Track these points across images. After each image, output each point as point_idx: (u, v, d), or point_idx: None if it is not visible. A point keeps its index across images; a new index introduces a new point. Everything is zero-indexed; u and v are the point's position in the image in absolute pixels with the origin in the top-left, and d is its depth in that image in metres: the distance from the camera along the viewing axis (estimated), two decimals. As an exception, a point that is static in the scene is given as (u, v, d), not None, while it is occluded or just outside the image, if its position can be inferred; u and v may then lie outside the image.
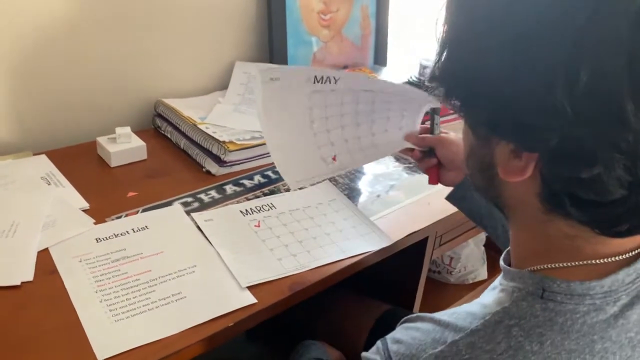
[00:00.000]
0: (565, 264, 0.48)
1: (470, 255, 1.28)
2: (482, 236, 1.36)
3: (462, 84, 0.46)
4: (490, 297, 0.51)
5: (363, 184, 1.04)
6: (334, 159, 0.87)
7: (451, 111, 0.65)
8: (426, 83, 0.51)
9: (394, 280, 1.07)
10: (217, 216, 0.89)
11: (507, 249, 0.56)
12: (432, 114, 0.85)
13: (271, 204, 0.94)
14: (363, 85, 0.86)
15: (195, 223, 0.87)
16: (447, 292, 1.29)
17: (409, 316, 0.55)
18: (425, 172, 0.88)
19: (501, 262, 0.55)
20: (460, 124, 0.54)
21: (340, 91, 0.84)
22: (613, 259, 0.47)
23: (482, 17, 0.43)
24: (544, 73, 0.39)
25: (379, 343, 0.53)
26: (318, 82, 0.83)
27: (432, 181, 0.86)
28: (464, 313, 0.50)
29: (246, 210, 0.91)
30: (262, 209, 0.92)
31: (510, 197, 0.50)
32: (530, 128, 0.41)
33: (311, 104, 0.85)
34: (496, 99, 0.43)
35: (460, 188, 0.83)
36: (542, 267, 0.49)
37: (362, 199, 0.99)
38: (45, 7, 1.00)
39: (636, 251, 0.48)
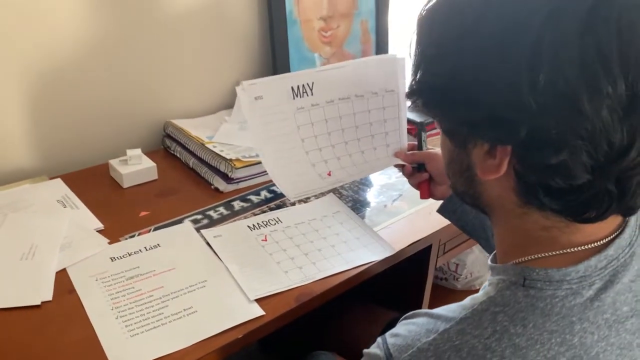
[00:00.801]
0: (543, 254, 0.52)
1: (476, 261, 1.30)
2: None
3: (439, 93, 0.51)
4: (479, 292, 0.55)
5: (367, 195, 1.07)
6: (329, 174, 0.90)
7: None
8: (406, 97, 0.57)
9: (401, 288, 1.10)
10: (226, 232, 0.93)
11: (494, 251, 0.60)
12: (419, 131, 0.89)
13: (277, 218, 0.97)
14: (338, 91, 0.88)
15: (205, 239, 0.91)
16: (454, 298, 1.30)
17: (407, 314, 0.59)
18: (417, 187, 0.91)
19: (488, 262, 0.59)
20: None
21: (322, 106, 0.88)
22: (586, 247, 0.51)
23: (453, 29, 0.49)
24: (510, 74, 0.44)
25: (379, 339, 0.56)
26: (297, 95, 0.86)
27: (424, 196, 0.89)
28: (455, 306, 0.54)
29: (253, 225, 0.95)
30: (268, 223, 0.96)
31: (489, 196, 0.55)
32: (503, 123, 0.46)
33: (298, 124, 0.88)
34: (471, 102, 0.48)
35: (450, 201, 0.87)
36: (523, 259, 0.53)
37: (366, 210, 1.02)
38: (57, 38, 1.05)
39: (606, 239, 0.52)
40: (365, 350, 0.57)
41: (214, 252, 0.88)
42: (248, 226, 0.94)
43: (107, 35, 1.11)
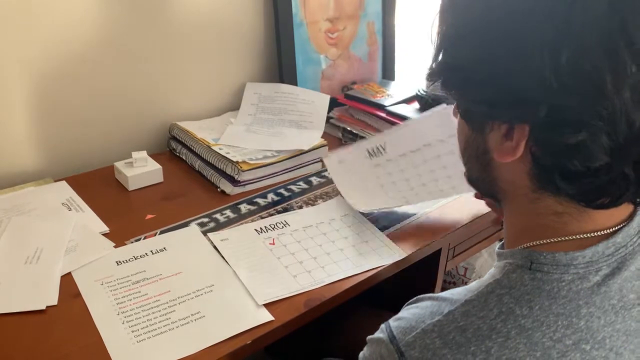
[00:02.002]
0: (552, 240, 0.52)
1: (485, 265, 1.28)
2: (495, 246, 1.37)
3: (460, 73, 0.51)
4: (485, 276, 0.55)
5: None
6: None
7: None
8: (426, 79, 0.56)
9: (409, 293, 1.08)
10: (233, 235, 0.91)
11: (502, 240, 0.60)
12: None
13: (285, 221, 0.96)
14: (408, 144, 0.99)
15: (212, 243, 0.89)
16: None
17: (411, 300, 0.59)
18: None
19: (496, 249, 0.59)
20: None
21: (395, 160, 0.99)
22: (595, 234, 0.51)
23: (477, 9, 0.49)
24: (533, 53, 0.44)
25: (382, 325, 0.55)
26: (373, 155, 1.01)
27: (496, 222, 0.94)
28: (460, 289, 0.54)
29: (261, 229, 0.93)
30: (276, 226, 0.94)
31: (504, 180, 0.55)
32: (523, 101, 0.46)
33: (377, 174, 1.00)
34: (491, 81, 0.48)
35: None
36: (531, 244, 0.53)
37: (374, 213, 1.01)
38: (63, 38, 1.04)
39: (615, 228, 0.52)
40: (368, 337, 0.57)
41: (221, 255, 0.86)
42: (255, 229, 0.93)
43: (113, 37, 1.10)
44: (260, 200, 1.04)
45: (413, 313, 0.53)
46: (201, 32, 1.22)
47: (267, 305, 0.77)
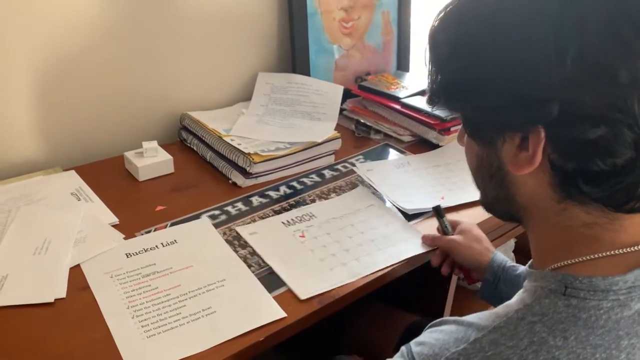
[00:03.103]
0: (585, 258, 0.49)
1: (500, 262, 1.25)
2: (512, 242, 1.34)
3: (460, 87, 0.50)
4: (514, 299, 0.51)
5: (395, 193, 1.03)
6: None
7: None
8: (427, 104, 0.55)
9: (423, 290, 1.06)
10: (261, 228, 0.90)
11: (531, 259, 0.57)
12: (437, 217, 0.89)
13: (311, 213, 0.94)
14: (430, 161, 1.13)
15: (224, 236, 0.87)
16: (476, 300, 1.26)
17: (434, 321, 0.55)
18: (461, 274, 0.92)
19: (526, 268, 0.55)
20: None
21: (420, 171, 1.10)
22: (632, 248, 0.48)
23: (470, 21, 0.48)
24: (536, 53, 0.43)
25: (403, 348, 0.53)
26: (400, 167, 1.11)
27: (470, 281, 0.92)
28: (487, 313, 0.50)
29: (287, 222, 0.92)
30: (302, 218, 0.93)
31: (523, 195, 0.51)
32: (533, 102, 0.44)
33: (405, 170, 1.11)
34: (495, 87, 0.46)
35: (485, 287, 0.85)
36: (562, 263, 0.50)
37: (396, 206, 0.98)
38: (70, 26, 1.02)
39: None
40: None
41: (233, 249, 0.85)
42: (282, 222, 0.92)
43: (124, 24, 1.08)
44: (273, 193, 1.01)
45: (436, 338, 0.50)
46: (212, 20, 1.20)
47: (279, 301, 0.75)
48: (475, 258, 0.85)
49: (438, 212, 0.89)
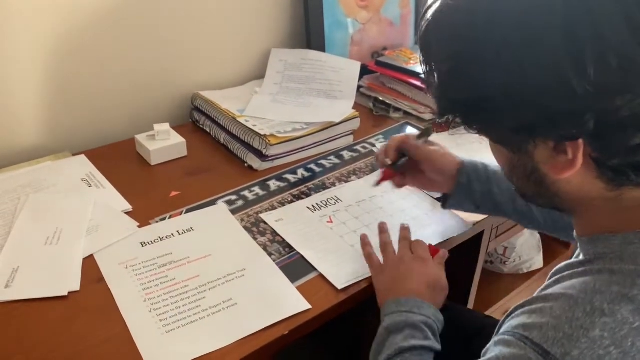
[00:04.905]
0: None
1: (525, 244, 1.22)
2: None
3: (475, 107, 0.46)
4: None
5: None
6: None
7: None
8: (438, 120, 0.50)
9: (449, 274, 1.02)
10: (286, 215, 0.86)
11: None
12: (425, 135, 0.81)
13: (336, 197, 0.91)
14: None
15: (242, 222, 0.84)
16: (500, 283, 1.23)
17: (512, 311, 0.50)
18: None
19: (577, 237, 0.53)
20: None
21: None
22: None
23: (466, 36, 0.44)
24: (550, 65, 0.40)
25: (510, 338, 0.46)
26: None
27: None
28: (575, 283, 0.46)
29: (313, 207, 0.88)
30: (328, 203, 0.89)
31: (568, 192, 0.49)
32: (563, 118, 0.41)
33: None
34: (516, 106, 0.43)
35: (458, 192, 0.79)
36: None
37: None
38: (78, 6, 0.96)
39: None
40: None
41: (252, 236, 0.81)
42: (307, 207, 0.88)
43: (132, 3, 1.02)
44: (290, 177, 0.97)
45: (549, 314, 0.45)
46: (224, -6, 1.14)
47: (302, 292, 0.71)
48: (448, 167, 0.78)
49: (428, 132, 0.82)
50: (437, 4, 0.47)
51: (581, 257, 0.51)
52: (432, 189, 0.84)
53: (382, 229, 0.79)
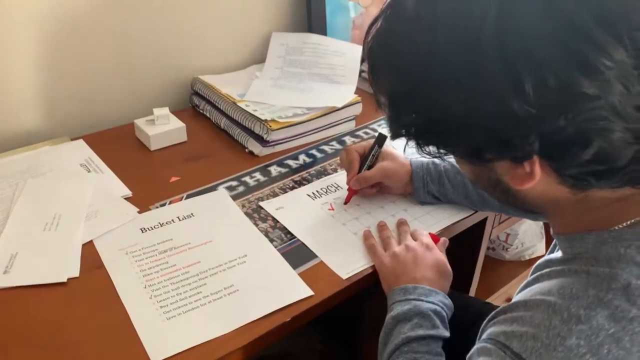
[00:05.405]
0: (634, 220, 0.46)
1: (528, 231, 1.21)
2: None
3: (426, 130, 0.47)
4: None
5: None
6: None
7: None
8: (391, 139, 0.52)
9: (450, 261, 1.02)
10: (287, 203, 0.85)
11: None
12: (377, 145, 0.82)
13: (336, 184, 0.89)
14: None
15: (242, 208, 0.83)
16: (501, 270, 1.22)
17: (493, 315, 0.50)
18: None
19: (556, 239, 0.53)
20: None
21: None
22: None
23: (411, 62, 0.44)
24: (490, 88, 0.40)
25: (489, 346, 0.46)
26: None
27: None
28: (552, 286, 0.46)
29: (313, 194, 0.87)
30: (328, 190, 0.88)
31: (535, 197, 0.49)
32: (509, 140, 0.42)
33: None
34: (465, 129, 0.43)
35: (417, 195, 0.83)
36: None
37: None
38: (74, -16, 0.95)
39: None
40: None
41: (253, 222, 0.80)
42: (307, 195, 0.87)
43: (129, -19, 1.00)
44: (292, 162, 0.96)
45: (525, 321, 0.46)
46: (224, -24, 1.12)
47: (305, 278, 0.70)
48: (403, 177, 0.82)
49: (381, 140, 0.82)
50: (378, 25, 0.47)
51: (560, 254, 0.51)
52: (397, 193, 0.85)
53: (383, 227, 0.79)
